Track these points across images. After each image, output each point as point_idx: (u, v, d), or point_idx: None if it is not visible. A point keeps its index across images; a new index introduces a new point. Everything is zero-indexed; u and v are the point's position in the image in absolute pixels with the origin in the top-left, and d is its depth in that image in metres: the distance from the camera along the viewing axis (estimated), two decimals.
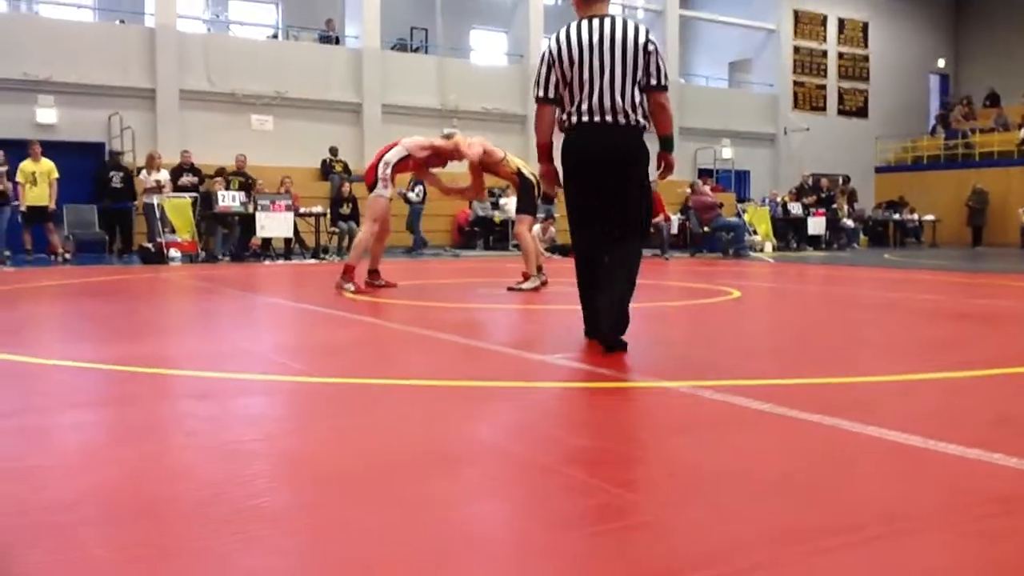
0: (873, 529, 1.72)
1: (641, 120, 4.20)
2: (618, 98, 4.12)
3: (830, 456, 2.32)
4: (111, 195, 14.53)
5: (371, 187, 7.67)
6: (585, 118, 4.15)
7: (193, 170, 14.72)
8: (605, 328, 4.10)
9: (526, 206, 7.97)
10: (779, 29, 25.30)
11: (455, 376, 3.67)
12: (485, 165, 7.89)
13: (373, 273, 8.06)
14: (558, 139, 4.34)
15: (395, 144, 7.80)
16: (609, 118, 4.13)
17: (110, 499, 1.94)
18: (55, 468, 2.22)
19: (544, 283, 7.93)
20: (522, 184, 7.86)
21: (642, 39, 4.18)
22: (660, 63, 4.22)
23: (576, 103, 4.16)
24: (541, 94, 4.25)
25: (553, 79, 4.21)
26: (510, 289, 7.65)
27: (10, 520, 1.78)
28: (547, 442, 2.48)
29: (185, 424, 2.76)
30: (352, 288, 7.47)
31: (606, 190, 4.21)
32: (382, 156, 7.69)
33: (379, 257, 8.17)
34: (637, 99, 4.17)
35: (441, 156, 7.92)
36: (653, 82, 4.19)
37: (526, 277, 7.84)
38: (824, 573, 1.53)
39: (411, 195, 15.56)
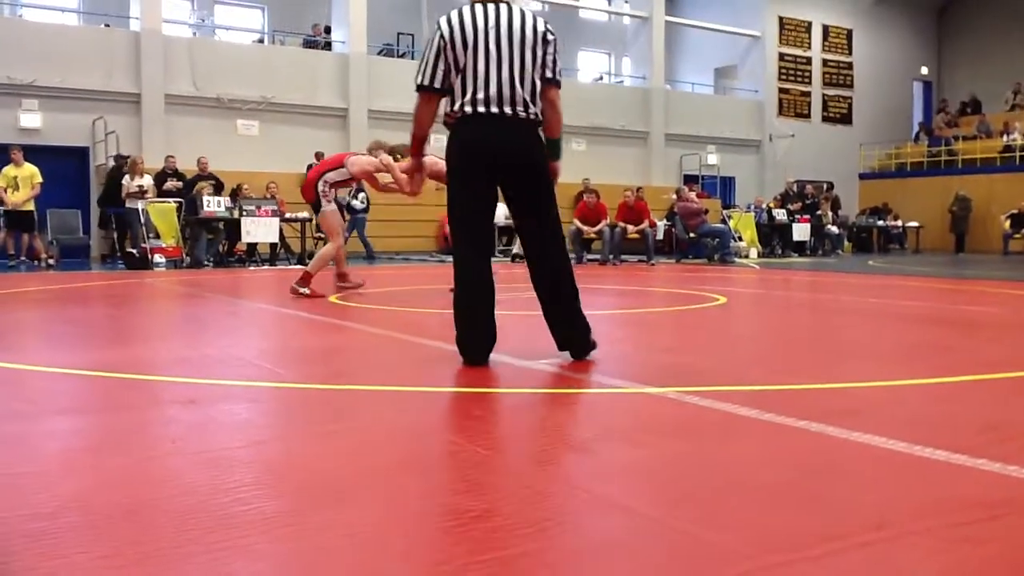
0: (861, 536, 1.73)
1: (539, 114, 3.90)
2: (518, 88, 3.80)
3: (817, 462, 2.32)
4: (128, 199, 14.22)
5: (312, 203, 7.91)
6: (481, 108, 3.78)
7: (177, 175, 14.65)
8: (577, 349, 4.00)
9: None
10: (764, 35, 25.44)
11: (439, 382, 3.66)
12: (433, 175, 7.93)
13: (342, 276, 8.25)
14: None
15: (339, 161, 7.90)
16: (508, 109, 3.80)
17: (93, 506, 1.92)
18: (38, 475, 2.19)
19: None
20: None
21: (541, 27, 3.89)
22: (557, 56, 3.93)
23: (471, 92, 3.78)
24: (427, 82, 3.83)
25: (442, 67, 3.81)
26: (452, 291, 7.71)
27: None
28: (529, 448, 2.47)
29: (170, 430, 2.74)
30: (308, 292, 7.64)
31: (517, 195, 3.94)
32: (321, 173, 7.86)
33: (343, 261, 8.35)
34: (537, 90, 3.87)
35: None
36: (549, 74, 3.90)
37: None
38: None
39: (355, 203, 15.57)
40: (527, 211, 3.96)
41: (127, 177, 14.11)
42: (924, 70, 29.22)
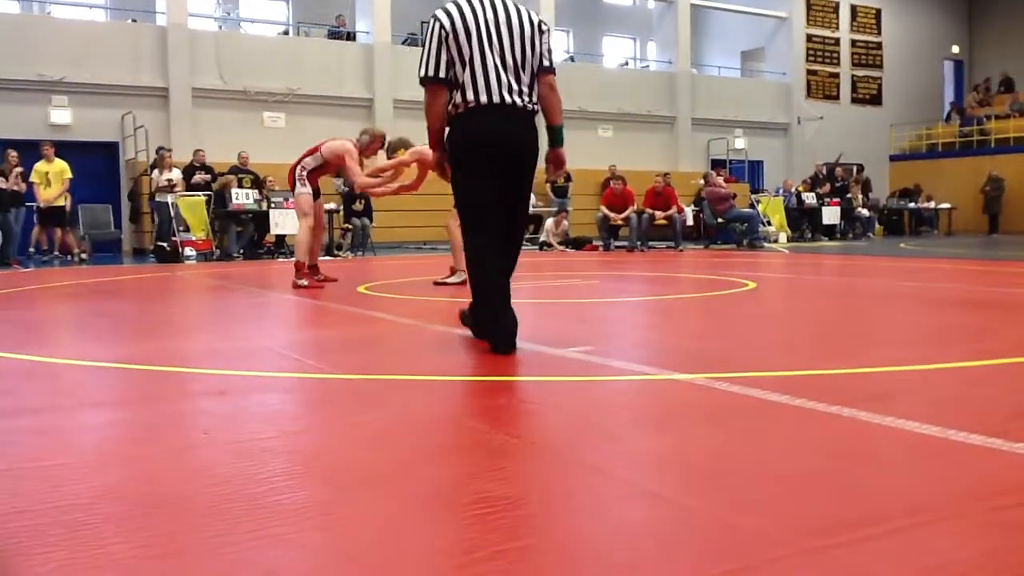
0: (896, 521, 1.71)
1: (536, 104, 4.01)
2: (523, 77, 3.89)
3: (849, 448, 2.30)
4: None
5: (291, 187, 8.05)
6: (484, 98, 3.82)
7: (205, 168, 14.75)
8: (510, 336, 3.89)
9: None
10: (791, 17, 25.15)
11: (467, 371, 3.66)
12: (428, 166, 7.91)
13: (313, 268, 8.19)
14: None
15: (316, 150, 7.93)
16: (509, 99, 3.86)
17: (128, 497, 1.94)
18: (73, 467, 2.22)
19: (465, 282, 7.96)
20: None
21: (535, 18, 3.99)
22: (551, 45, 4.05)
23: (480, 83, 3.82)
24: (431, 74, 3.85)
25: (445, 57, 3.83)
26: (436, 283, 7.74)
27: (29, 519, 1.79)
28: (559, 436, 2.47)
29: (201, 422, 2.76)
30: (305, 283, 7.70)
31: (511, 179, 3.96)
32: (298, 161, 7.98)
33: (316, 253, 8.35)
34: (534, 80, 3.96)
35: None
36: (546, 63, 3.99)
37: (452, 271, 7.84)
38: (847, 566, 1.52)
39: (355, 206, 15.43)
40: (515, 196, 4.03)
41: (156, 171, 14.25)
42: (955, 49, 28.77)
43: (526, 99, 3.91)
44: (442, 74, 3.85)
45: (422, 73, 3.88)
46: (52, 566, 1.55)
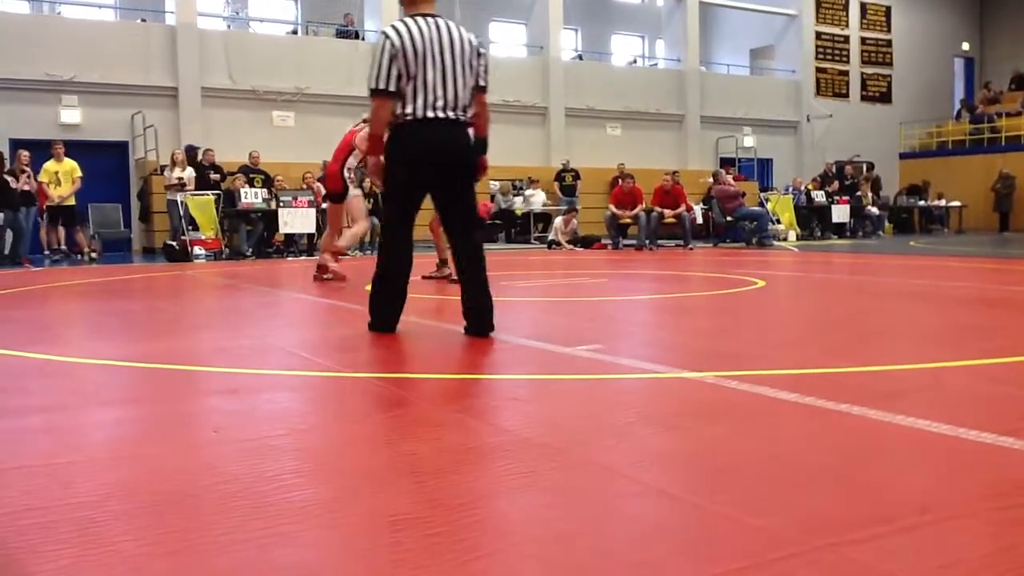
0: (906, 519, 1.70)
1: (469, 117, 4.40)
2: (460, 95, 4.28)
3: (860, 446, 2.29)
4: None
5: (337, 193, 8.07)
6: (431, 113, 4.21)
7: (215, 168, 14.78)
8: (487, 326, 4.32)
9: None
10: (801, 14, 25.05)
11: (477, 369, 3.67)
12: None
13: (322, 268, 8.30)
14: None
15: (349, 143, 7.95)
16: (451, 114, 4.26)
17: (138, 494, 1.95)
18: (83, 464, 2.23)
19: (447, 276, 7.91)
20: None
21: (475, 41, 4.39)
22: (487, 65, 4.43)
23: (422, 98, 4.20)
24: (382, 86, 4.21)
25: (395, 71, 4.19)
26: (424, 278, 7.91)
27: (39, 516, 1.80)
28: (568, 433, 2.47)
29: (211, 420, 2.77)
30: (335, 265, 7.92)
31: (453, 187, 4.38)
32: (342, 162, 8.00)
33: (334, 252, 8.38)
34: (470, 97, 4.36)
35: None
36: (482, 83, 4.40)
37: (441, 265, 8.09)
38: (858, 564, 1.51)
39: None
40: (458, 200, 4.45)
41: (167, 170, 14.29)
42: (965, 46, 28.62)
43: (460, 113, 4.31)
44: (392, 87, 4.21)
45: (372, 85, 4.22)
46: (62, 563, 1.56)
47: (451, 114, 4.26)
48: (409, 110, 4.22)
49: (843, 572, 1.49)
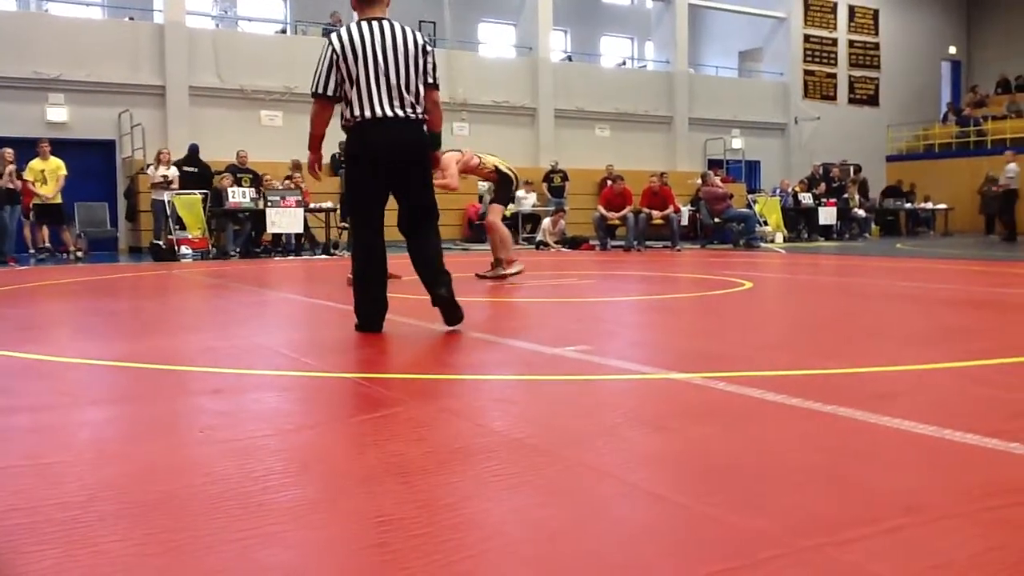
0: (893, 520, 1.71)
1: (422, 114, 4.50)
2: (405, 93, 4.39)
3: (846, 447, 2.30)
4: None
5: None
6: (379, 112, 4.34)
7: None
8: (454, 319, 4.49)
9: (502, 198, 8.39)
10: (789, 17, 25.16)
11: (466, 369, 3.66)
12: (466, 170, 8.14)
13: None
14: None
15: None
16: (401, 112, 4.38)
17: (125, 495, 1.94)
18: (70, 464, 2.22)
19: (503, 276, 8.01)
20: (501, 179, 8.23)
21: (420, 40, 4.54)
22: (434, 63, 4.58)
23: (367, 99, 4.34)
24: (320, 91, 4.40)
25: (335, 77, 4.37)
26: (480, 276, 7.95)
27: (24, 516, 1.78)
28: (557, 434, 2.47)
29: (199, 420, 2.76)
30: None
31: (406, 182, 4.49)
32: None
33: None
34: (421, 94, 4.47)
35: None
36: (431, 80, 4.53)
37: (510, 263, 8.11)
38: (844, 564, 1.52)
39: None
40: (412, 195, 4.57)
41: (151, 167, 14.23)
42: (952, 49, 28.79)
43: (408, 111, 4.42)
44: (330, 91, 4.40)
45: (312, 88, 4.43)
46: (48, 564, 1.55)
47: (399, 112, 4.38)
48: (358, 112, 4.36)
49: (832, 572, 1.49)
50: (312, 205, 14.48)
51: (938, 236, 21.58)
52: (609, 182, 16.04)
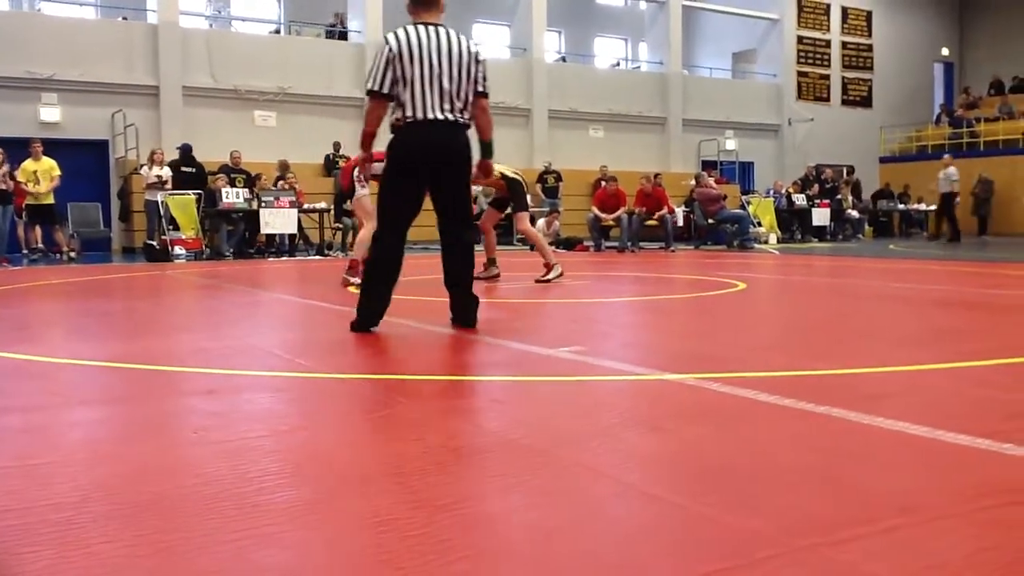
0: (886, 521, 1.71)
1: (468, 119, 4.58)
2: (455, 100, 4.46)
3: (840, 448, 2.30)
4: None
5: (348, 191, 8.08)
6: (429, 115, 4.39)
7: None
8: (470, 320, 4.56)
9: (521, 204, 8.28)
10: (782, 19, 25.21)
11: (461, 370, 3.66)
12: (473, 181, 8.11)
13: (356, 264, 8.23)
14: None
15: (379, 157, 8.00)
16: (441, 116, 4.43)
17: (117, 496, 1.93)
18: (61, 465, 2.21)
19: (496, 276, 8.02)
20: (511, 185, 8.13)
21: (475, 49, 4.59)
22: (486, 72, 4.63)
23: (420, 101, 4.39)
24: (376, 88, 4.42)
25: (391, 76, 4.40)
26: (538, 281, 7.92)
27: (16, 517, 1.78)
28: (552, 435, 2.47)
29: (192, 421, 2.75)
30: (359, 281, 7.69)
31: (442, 183, 4.53)
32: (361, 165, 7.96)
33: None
34: (469, 100, 4.54)
35: None
36: (481, 88, 4.58)
37: (548, 268, 8.03)
38: (839, 565, 1.52)
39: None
40: (452, 199, 4.61)
41: (145, 168, 14.19)
42: (945, 51, 28.88)
43: (457, 115, 4.48)
44: (386, 89, 4.42)
45: (369, 86, 4.44)
46: (40, 565, 1.54)
47: (449, 116, 4.44)
48: (408, 113, 4.40)
49: (826, 573, 1.49)
50: (306, 206, 14.45)
51: (931, 237, 21.62)
52: (603, 183, 16.03)
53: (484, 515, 1.82)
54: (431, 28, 4.49)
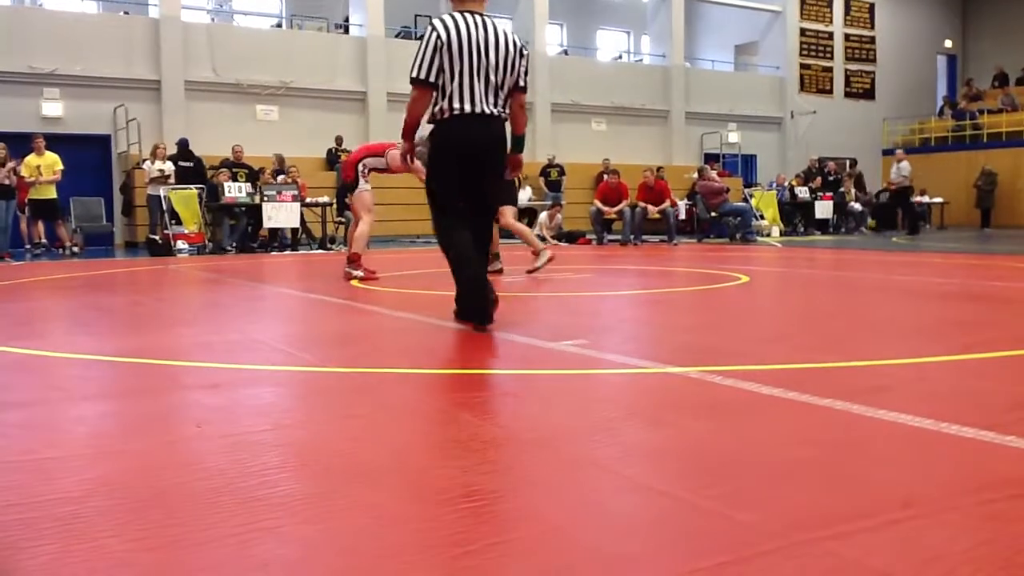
0: (890, 514, 1.71)
1: (506, 113, 4.52)
2: (500, 93, 4.41)
3: (844, 441, 2.30)
4: None
5: (350, 183, 8.08)
6: (468, 107, 4.32)
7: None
8: (488, 308, 4.33)
9: (509, 198, 8.56)
10: (785, 11, 25.14)
11: (462, 364, 3.66)
12: None
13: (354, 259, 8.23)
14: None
15: (380, 150, 8.00)
16: (490, 110, 4.38)
17: (121, 490, 1.94)
18: (66, 460, 2.21)
19: (499, 271, 8.07)
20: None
21: (519, 42, 4.51)
22: (527, 68, 4.56)
23: (467, 93, 4.31)
24: (423, 76, 4.31)
25: (437, 63, 4.30)
26: (529, 272, 8.07)
27: (20, 512, 1.78)
28: (554, 429, 2.47)
29: (194, 415, 2.76)
30: (361, 274, 7.72)
31: (479, 174, 4.47)
32: (362, 157, 8.06)
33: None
34: (508, 94, 4.47)
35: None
36: (522, 83, 4.51)
37: (536, 254, 8.22)
38: (842, 558, 1.52)
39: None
40: (484, 186, 4.55)
41: (147, 162, 14.19)
42: (948, 43, 28.80)
43: (498, 109, 4.44)
44: (432, 78, 4.32)
45: (414, 74, 4.32)
46: (44, 559, 1.55)
47: (493, 109, 4.39)
48: (456, 105, 4.33)
49: (828, 566, 1.50)
50: (308, 200, 14.44)
51: (934, 230, 21.60)
52: (605, 176, 16.01)
53: (488, 509, 1.82)
54: (478, 18, 4.40)
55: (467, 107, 4.32)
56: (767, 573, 1.47)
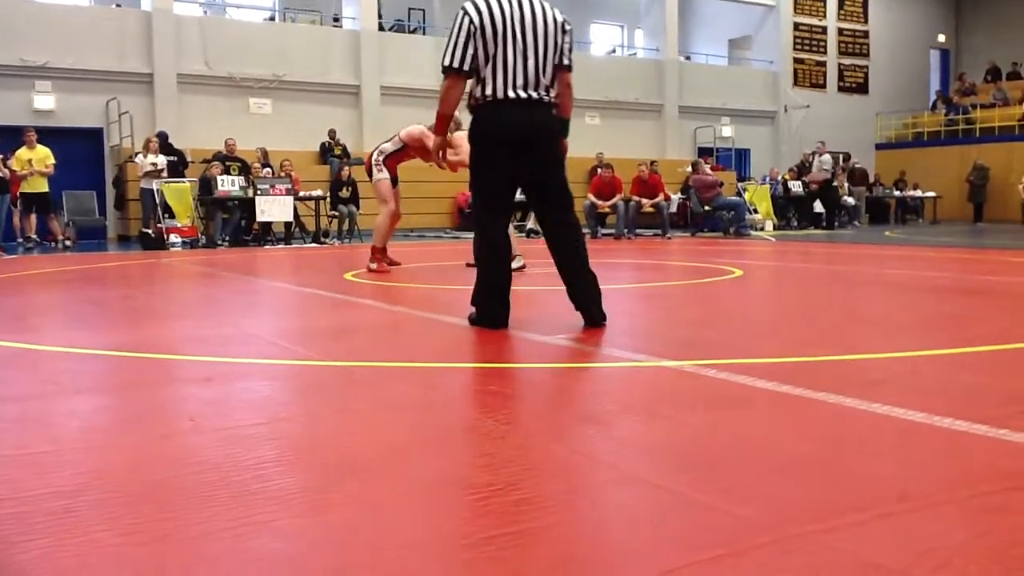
0: (883, 507, 1.71)
1: (553, 97, 4.17)
2: (542, 75, 4.06)
3: (837, 434, 2.31)
4: None
5: (370, 174, 8.10)
6: (511, 93, 4.00)
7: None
8: (595, 309, 4.20)
9: None
10: (778, 5, 25.14)
11: (457, 358, 3.66)
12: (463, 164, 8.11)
13: (382, 252, 8.18)
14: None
15: (405, 137, 8.03)
16: (534, 94, 4.04)
17: (114, 484, 1.93)
18: (59, 453, 2.21)
19: (523, 267, 8.02)
20: None
21: (560, 17, 4.15)
22: (571, 43, 4.21)
23: (502, 79, 3.99)
24: (457, 64, 4.00)
25: (471, 50, 3.98)
26: (469, 265, 7.83)
27: (13, 506, 1.77)
28: (549, 422, 2.47)
29: (188, 408, 2.75)
30: (374, 266, 7.83)
31: (534, 166, 4.14)
32: (377, 148, 8.15)
33: (387, 237, 8.25)
34: (553, 75, 4.12)
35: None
36: (566, 61, 4.17)
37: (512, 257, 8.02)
38: (836, 552, 1.52)
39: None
40: (542, 177, 4.20)
41: (140, 156, 14.14)
42: (941, 38, 28.84)
43: (543, 92, 4.07)
44: (466, 66, 4.00)
45: (447, 63, 4.01)
46: (36, 553, 1.54)
47: (533, 94, 4.04)
48: (489, 91, 4.01)
49: (822, 559, 1.50)
50: (302, 193, 14.41)
51: (927, 224, 21.65)
52: (599, 170, 16.01)
53: (484, 503, 1.82)
54: None
55: (502, 93, 3.98)
56: (762, 566, 1.47)
